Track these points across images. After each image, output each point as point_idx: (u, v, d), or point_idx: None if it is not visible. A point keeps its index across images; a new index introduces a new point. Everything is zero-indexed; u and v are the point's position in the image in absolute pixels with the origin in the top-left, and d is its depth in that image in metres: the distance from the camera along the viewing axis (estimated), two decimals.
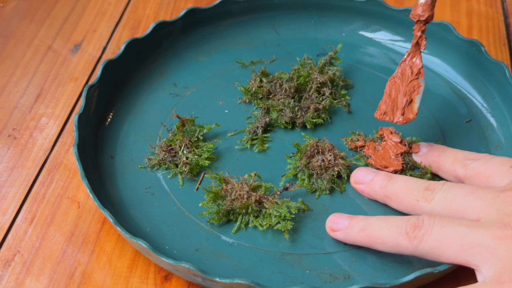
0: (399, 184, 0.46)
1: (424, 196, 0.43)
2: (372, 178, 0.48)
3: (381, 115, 0.50)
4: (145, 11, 0.70)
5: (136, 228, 0.47)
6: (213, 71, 0.61)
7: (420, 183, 0.44)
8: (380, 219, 0.43)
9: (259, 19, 0.65)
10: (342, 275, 0.44)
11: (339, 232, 0.45)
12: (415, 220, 0.40)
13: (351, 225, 0.44)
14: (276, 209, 0.47)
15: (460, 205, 0.41)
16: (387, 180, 0.47)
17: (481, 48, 0.57)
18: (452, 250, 0.38)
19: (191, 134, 0.53)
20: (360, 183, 0.49)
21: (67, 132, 0.57)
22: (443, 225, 0.39)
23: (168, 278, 0.45)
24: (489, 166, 0.44)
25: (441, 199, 0.42)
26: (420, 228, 0.40)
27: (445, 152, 0.48)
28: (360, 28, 0.64)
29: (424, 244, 0.39)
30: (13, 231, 0.48)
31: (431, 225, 0.39)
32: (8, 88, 0.61)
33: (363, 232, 0.43)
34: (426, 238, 0.39)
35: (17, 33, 0.67)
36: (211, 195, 0.48)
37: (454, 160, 0.46)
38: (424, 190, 0.43)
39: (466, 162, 0.45)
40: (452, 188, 0.42)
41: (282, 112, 0.55)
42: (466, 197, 0.41)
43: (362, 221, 0.43)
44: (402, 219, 0.41)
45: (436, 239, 0.39)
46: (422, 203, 0.43)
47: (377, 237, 0.42)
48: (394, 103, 0.49)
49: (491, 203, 0.39)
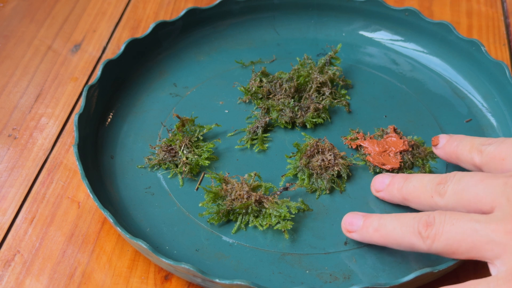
0: (413, 183, 0.45)
1: (437, 191, 0.42)
2: (389, 182, 0.47)
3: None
4: (145, 11, 0.70)
5: (136, 228, 0.47)
6: (213, 71, 0.61)
7: (433, 178, 0.43)
8: (393, 219, 0.42)
9: (259, 19, 0.65)
10: (342, 275, 0.44)
11: (354, 233, 0.44)
12: (426, 218, 0.40)
13: (365, 226, 0.43)
14: (276, 209, 0.46)
15: (472, 196, 0.40)
16: (403, 181, 0.46)
17: (481, 48, 0.57)
18: (465, 247, 0.38)
19: (191, 134, 0.53)
20: (380, 190, 0.48)
21: (67, 132, 0.57)
22: (453, 223, 0.38)
23: (168, 278, 0.45)
24: (502, 148, 0.43)
25: (453, 192, 0.41)
26: (432, 226, 0.39)
27: (463, 140, 0.47)
28: (360, 28, 0.64)
29: (437, 243, 0.39)
30: (13, 231, 0.48)
31: (442, 223, 0.39)
32: (8, 88, 0.61)
33: (378, 233, 0.42)
34: (438, 237, 0.39)
35: (17, 33, 0.67)
36: (211, 195, 0.48)
37: (471, 148, 0.45)
38: (437, 184, 0.42)
39: (482, 147, 0.44)
40: (462, 178, 0.41)
41: (282, 112, 0.55)
42: (476, 186, 0.40)
43: (376, 221, 0.43)
44: (414, 218, 0.41)
45: (448, 238, 0.38)
46: (436, 199, 0.42)
47: (392, 237, 0.41)
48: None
49: (502, 191, 0.38)
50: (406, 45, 0.62)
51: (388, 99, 0.58)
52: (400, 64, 0.61)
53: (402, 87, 0.59)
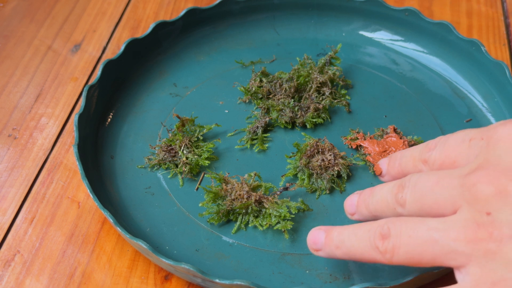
0: (376, 198, 0.41)
1: (398, 201, 0.39)
2: (357, 202, 0.43)
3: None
4: (145, 11, 0.70)
5: (136, 228, 0.47)
6: (213, 71, 0.61)
7: (391, 188, 0.40)
8: (350, 233, 0.39)
9: (259, 19, 0.65)
10: (342, 275, 0.44)
11: (321, 251, 0.41)
12: (380, 230, 0.37)
13: (327, 244, 0.40)
14: (276, 209, 0.46)
15: (432, 202, 0.36)
16: (368, 197, 0.42)
17: (481, 47, 0.57)
18: (427, 258, 0.35)
19: (191, 134, 0.53)
20: (353, 213, 0.44)
21: (67, 132, 0.57)
22: (410, 234, 0.35)
23: (168, 278, 0.45)
24: (448, 149, 0.39)
25: (412, 200, 0.38)
26: (388, 239, 0.36)
27: (403, 157, 0.43)
28: (360, 28, 0.64)
29: (397, 257, 0.36)
30: (13, 231, 0.48)
31: (399, 235, 0.36)
32: (8, 88, 0.61)
33: (340, 250, 0.39)
34: (396, 251, 0.36)
35: (17, 33, 0.67)
36: (211, 195, 0.48)
37: (414, 161, 0.42)
38: (396, 194, 0.39)
39: (425, 156, 0.40)
40: (418, 182, 0.38)
41: (282, 112, 0.55)
42: (433, 191, 0.36)
43: (335, 238, 0.40)
44: (369, 230, 0.38)
45: (407, 251, 0.35)
46: (399, 210, 0.39)
47: (353, 254, 0.39)
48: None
49: (459, 193, 0.35)
50: (406, 45, 0.62)
51: (388, 99, 0.58)
52: (400, 64, 0.61)
53: (402, 87, 0.59)
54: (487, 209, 0.33)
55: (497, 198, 0.33)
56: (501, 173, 0.33)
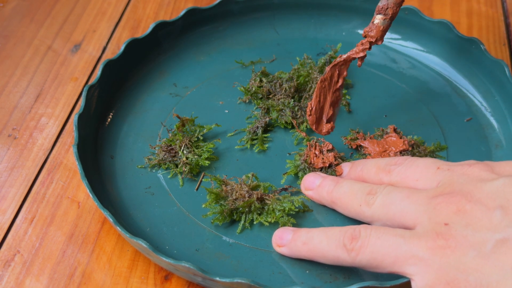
0: (344, 189, 0.45)
1: (366, 201, 0.43)
2: (319, 183, 0.47)
3: (313, 123, 0.50)
4: (145, 11, 0.70)
5: (136, 228, 0.47)
6: (213, 71, 0.61)
7: (364, 187, 0.44)
8: (320, 232, 0.42)
9: (259, 19, 0.65)
10: (342, 275, 0.44)
11: (284, 247, 0.44)
12: (352, 232, 0.40)
13: (294, 239, 0.44)
14: (279, 203, 0.47)
15: (397, 210, 0.40)
16: (334, 185, 0.46)
17: (480, 46, 0.57)
18: (388, 261, 0.38)
19: (191, 134, 0.53)
20: (309, 189, 0.48)
21: (67, 132, 0.57)
22: (379, 236, 0.39)
23: (168, 278, 0.45)
24: (415, 169, 0.43)
25: (380, 204, 0.42)
26: (357, 239, 0.39)
27: (367, 164, 0.47)
28: (360, 27, 0.64)
29: (362, 256, 0.39)
30: (13, 231, 0.48)
31: (368, 236, 0.39)
32: (8, 88, 0.61)
33: (306, 246, 0.43)
34: (363, 250, 0.39)
35: (17, 33, 0.67)
36: (213, 196, 0.48)
37: (377, 169, 0.46)
38: (367, 194, 0.43)
39: (390, 168, 0.45)
40: (391, 192, 0.42)
41: (282, 112, 0.55)
42: (402, 201, 0.40)
43: (304, 235, 0.43)
44: (340, 231, 0.41)
45: (372, 251, 0.39)
46: (364, 208, 0.43)
47: (318, 250, 0.42)
48: (322, 111, 0.50)
49: (424, 209, 0.39)
50: (406, 43, 0.62)
51: (388, 99, 0.58)
52: (400, 63, 0.61)
53: (402, 86, 0.59)
54: (445, 221, 0.37)
55: (456, 214, 0.37)
56: (463, 197, 0.38)
